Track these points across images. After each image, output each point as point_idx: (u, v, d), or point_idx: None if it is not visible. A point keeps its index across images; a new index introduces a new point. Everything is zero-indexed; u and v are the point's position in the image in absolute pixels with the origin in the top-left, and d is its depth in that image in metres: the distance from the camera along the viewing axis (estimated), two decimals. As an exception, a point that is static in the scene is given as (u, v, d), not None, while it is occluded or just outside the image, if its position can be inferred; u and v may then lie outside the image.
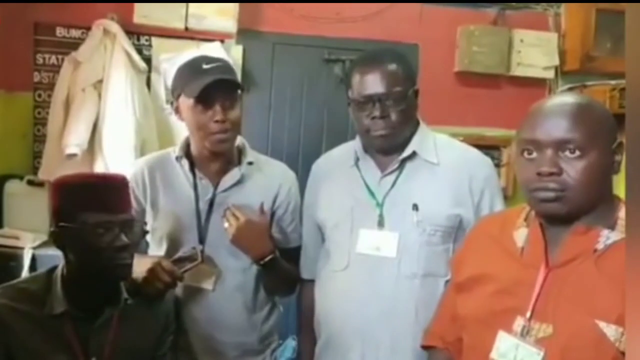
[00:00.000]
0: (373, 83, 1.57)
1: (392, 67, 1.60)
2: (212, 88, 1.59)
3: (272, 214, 1.75)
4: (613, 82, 2.93)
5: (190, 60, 1.72)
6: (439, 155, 1.64)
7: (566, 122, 1.16)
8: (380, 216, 1.61)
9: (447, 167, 1.62)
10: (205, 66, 1.64)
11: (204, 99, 1.61)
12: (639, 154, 1.02)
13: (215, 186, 1.71)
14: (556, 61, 3.23)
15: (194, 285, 1.67)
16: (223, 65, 1.70)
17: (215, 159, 1.72)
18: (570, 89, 3.16)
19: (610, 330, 1.08)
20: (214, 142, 1.65)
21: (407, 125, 1.63)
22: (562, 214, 1.17)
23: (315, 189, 1.77)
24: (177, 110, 1.71)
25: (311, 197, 1.78)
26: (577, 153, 1.14)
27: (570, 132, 1.15)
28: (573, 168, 1.14)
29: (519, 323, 1.18)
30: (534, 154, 1.18)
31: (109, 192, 1.41)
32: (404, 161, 1.63)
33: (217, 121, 1.62)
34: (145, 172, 1.75)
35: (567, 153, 1.15)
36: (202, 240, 1.69)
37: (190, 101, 1.63)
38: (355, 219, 1.63)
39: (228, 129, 1.65)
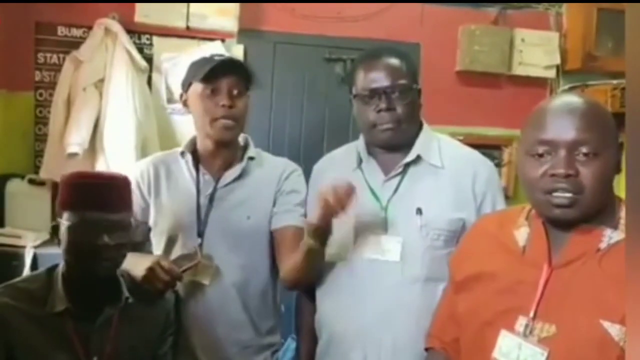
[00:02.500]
0: (378, 77, 1.59)
1: (396, 61, 1.61)
2: (221, 74, 1.65)
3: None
4: (615, 81, 2.93)
5: (203, 56, 1.76)
6: (443, 159, 1.63)
7: (580, 123, 1.14)
8: (385, 220, 1.60)
9: (450, 171, 1.62)
10: (217, 57, 1.71)
11: (212, 82, 1.65)
12: (639, 154, 1.02)
13: (217, 181, 1.73)
14: (557, 60, 3.23)
15: (191, 279, 1.67)
16: (235, 59, 1.78)
17: (219, 153, 1.73)
18: (571, 89, 3.16)
19: (614, 330, 1.08)
20: (219, 128, 1.67)
21: (412, 121, 1.63)
22: (573, 220, 1.16)
23: (316, 192, 1.76)
24: (185, 103, 1.75)
25: (313, 200, 1.77)
26: (591, 154, 1.13)
27: (585, 133, 1.13)
28: (588, 170, 1.13)
29: (521, 322, 1.18)
30: (546, 154, 1.16)
31: (93, 190, 1.40)
32: (407, 165, 1.62)
33: (223, 105, 1.65)
34: (150, 168, 1.77)
35: (582, 153, 1.13)
36: (200, 235, 1.69)
37: (199, 87, 1.67)
38: (360, 223, 1.62)
39: (233, 116, 1.67)
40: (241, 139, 1.80)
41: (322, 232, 1.54)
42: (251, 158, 1.77)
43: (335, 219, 1.67)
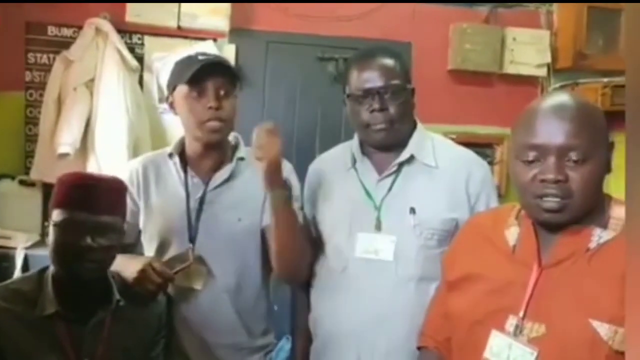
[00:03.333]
0: (371, 77, 1.59)
1: (389, 61, 1.61)
2: (206, 75, 1.61)
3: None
4: (605, 79, 2.95)
5: (187, 55, 1.73)
6: (437, 158, 1.64)
7: (570, 127, 1.13)
8: (378, 219, 1.60)
9: (444, 170, 1.62)
10: (201, 57, 1.67)
11: (198, 85, 1.62)
12: (639, 154, 1.02)
13: (206, 184, 1.70)
14: (548, 59, 3.24)
15: (183, 285, 1.65)
16: (219, 57, 1.73)
17: (208, 154, 1.71)
18: (562, 87, 3.17)
19: (603, 329, 1.09)
20: (207, 130, 1.64)
21: (406, 121, 1.63)
22: (563, 223, 1.17)
23: (311, 191, 1.76)
24: (172, 105, 1.72)
25: (308, 200, 1.77)
26: (581, 159, 1.12)
27: (575, 138, 1.12)
28: (577, 175, 1.13)
29: (511, 322, 1.18)
30: (535, 159, 1.15)
31: (83, 191, 1.39)
32: (401, 164, 1.63)
33: (210, 108, 1.62)
34: (139, 170, 1.74)
35: (571, 159, 1.13)
36: (192, 240, 1.67)
37: (185, 89, 1.63)
38: (354, 223, 1.62)
39: (221, 117, 1.64)
40: (231, 137, 1.77)
41: (275, 177, 1.55)
42: (241, 158, 1.74)
43: (329, 218, 1.68)
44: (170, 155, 1.74)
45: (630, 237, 1.03)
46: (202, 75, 1.61)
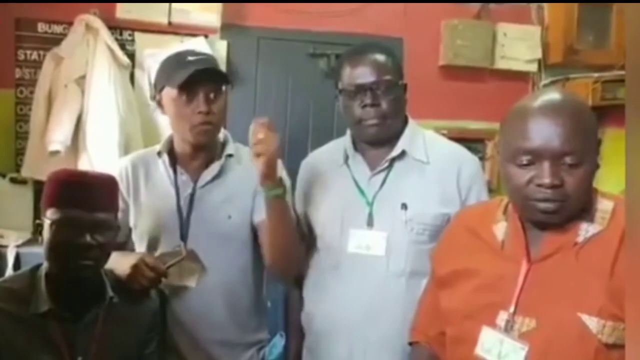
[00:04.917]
0: (363, 72, 1.59)
1: (381, 57, 1.62)
2: (196, 79, 1.60)
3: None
4: (595, 74, 2.96)
5: (175, 53, 1.72)
6: (428, 154, 1.64)
7: (565, 131, 1.12)
8: (370, 215, 1.61)
9: (436, 166, 1.63)
10: (190, 58, 1.65)
11: (188, 89, 1.61)
12: (639, 152, 1.02)
13: (195, 182, 1.70)
14: (539, 54, 3.25)
15: (177, 284, 1.65)
16: (208, 58, 1.71)
17: (197, 153, 1.71)
18: (553, 82, 3.18)
19: (592, 323, 1.10)
20: (196, 134, 1.64)
21: (398, 117, 1.63)
22: (557, 223, 1.17)
23: (304, 188, 1.76)
24: (159, 104, 1.71)
25: (301, 196, 1.77)
26: (576, 163, 1.12)
27: (570, 143, 1.11)
28: (573, 178, 1.13)
29: (502, 317, 1.19)
30: (529, 163, 1.14)
31: (78, 189, 1.38)
32: (393, 160, 1.63)
33: (200, 112, 1.62)
34: (129, 169, 1.74)
35: (566, 163, 1.12)
36: (183, 237, 1.67)
37: (174, 92, 1.62)
38: (346, 219, 1.63)
39: (211, 121, 1.64)
40: (220, 135, 1.76)
41: (272, 173, 1.54)
42: (230, 155, 1.73)
43: (322, 215, 1.68)
44: (159, 153, 1.74)
45: (631, 234, 1.04)
46: (191, 80, 1.60)
